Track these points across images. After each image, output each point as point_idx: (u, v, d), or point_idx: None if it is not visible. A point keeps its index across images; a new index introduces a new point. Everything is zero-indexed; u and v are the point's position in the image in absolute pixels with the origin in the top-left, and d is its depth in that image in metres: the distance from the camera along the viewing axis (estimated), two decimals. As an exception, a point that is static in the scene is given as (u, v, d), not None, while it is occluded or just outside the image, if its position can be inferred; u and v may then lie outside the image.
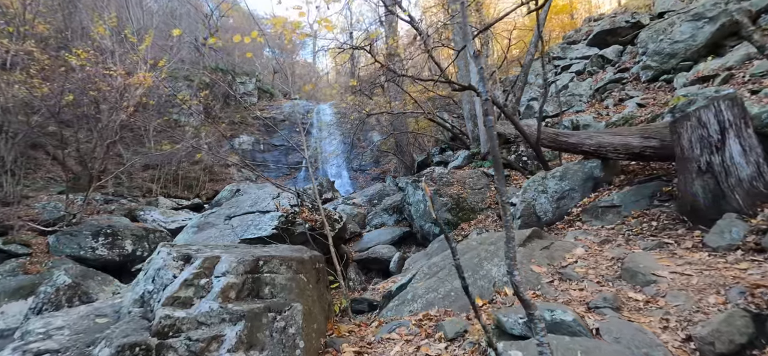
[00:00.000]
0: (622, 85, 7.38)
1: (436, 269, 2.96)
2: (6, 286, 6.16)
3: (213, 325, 1.58)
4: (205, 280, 1.77)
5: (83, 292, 5.67)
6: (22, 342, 1.61)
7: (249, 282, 1.84)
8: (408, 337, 2.04)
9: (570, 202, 3.83)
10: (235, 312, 1.62)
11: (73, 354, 1.52)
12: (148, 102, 13.70)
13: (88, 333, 1.66)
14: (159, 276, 1.82)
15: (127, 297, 1.97)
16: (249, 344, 1.56)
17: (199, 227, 5.37)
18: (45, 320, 1.75)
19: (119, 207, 11.11)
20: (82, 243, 8.36)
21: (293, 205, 5.39)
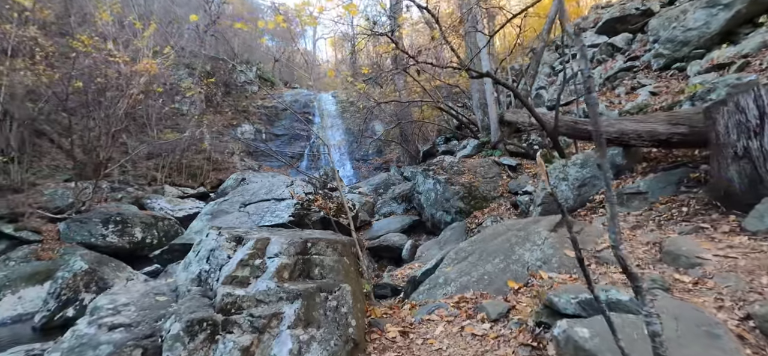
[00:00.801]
0: (634, 74, 7.35)
1: (465, 254, 3.01)
2: (22, 272, 6.21)
3: (271, 303, 1.62)
4: (259, 260, 1.80)
5: (99, 278, 5.73)
6: (94, 316, 1.65)
7: (300, 263, 1.87)
8: (448, 318, 2.09)
9: (591, 189, 3.86)
10: (292, 291, 1.65)
11: (145, 328, 1.56)
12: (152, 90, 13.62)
13: (152, 309, 1.70)
14: (214, 257, 1.86)
15: (182, 277, 2.01)
16: (306, 321, 1.60)
17: (213, 215, 5.40)
18: (110, 297, 1.79)
19: (126, 195, 11.13)
20: (92, 231, 8.41)
21: (307, 193, 5.42)
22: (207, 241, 2.02)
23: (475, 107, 7.69)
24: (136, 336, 1.50)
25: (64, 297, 5.26)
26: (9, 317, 5.57)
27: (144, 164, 14.89)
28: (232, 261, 1.80)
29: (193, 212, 11.41)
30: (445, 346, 1.78)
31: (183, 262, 2.22)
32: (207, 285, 1.83)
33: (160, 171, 14.80)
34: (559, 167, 4.11)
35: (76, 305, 5.33)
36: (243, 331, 1.50)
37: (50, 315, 5.08)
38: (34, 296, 5.99)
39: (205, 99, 21.89)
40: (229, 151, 19.56)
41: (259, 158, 22.59)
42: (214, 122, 19.67)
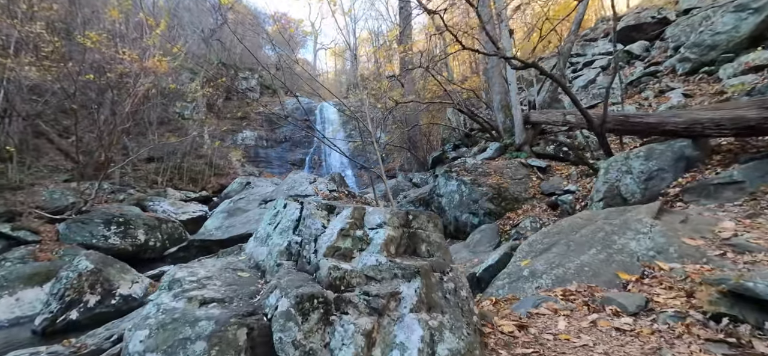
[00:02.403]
0: (658, 79, 7.26)
1: (542, 246, 2.76)
2: (20, 273, 5.82)
3: (384, 281, 1.36)
4: (359, 231, 1.54)
5: (105, 279, 5.35)
6: (177, 289, 1.35)
7: (405, 237, 1.61)
8: (564, 312, 1.83)
9: (661, 182, 3.63)
10: (408, 267, 1.39)
11: (242, 305, 1.28)
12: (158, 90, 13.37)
13: (241, 285, 1.43)
14: (305, 226, 1.59)
15: (260, 252, 1.72)
16: (428, 305, 1.33)
17: (229, 213, 5.10)
18: (188, 270, 1.50)
19: (128, 197, 10.76)
20: (93, 232, 8.03)
21: (331, 190, 5.16)
22: (288, 211, 1.76)
23: (495, 110, 7.51)
24: (237, 314, 1.22)
25: (67, 299, 4.87)
26: (6, 319, 5.15)
27: (144, 167, 14.52)
28: (330, 231, 1.54)
29: (197, 215, 11.04)
30: (591, 343, 1.51)
31: (256, 236, 1.94)
32: (302, 258, 1.56)
33: (162, 175, 14.44)
34: (620, 160, 3.89)
35: (80, 307, 4.95)
36: (359, 312, 1.24)
37: (52, 318, 4.69)
38: (32, 298, 5.58)
39: (207, 105, 21.66)
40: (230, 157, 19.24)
41: (259, 165, 22.28)
42: (218, 127, 19.36)
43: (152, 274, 7.44)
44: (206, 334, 1.14)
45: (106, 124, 10.68)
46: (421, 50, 7.31)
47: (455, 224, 6.12)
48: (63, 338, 4.75)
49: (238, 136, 23.23)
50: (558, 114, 5.62)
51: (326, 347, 1.15)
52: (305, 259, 1.50)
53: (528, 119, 6.49)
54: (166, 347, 1.15)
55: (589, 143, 5.69)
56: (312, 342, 1.13)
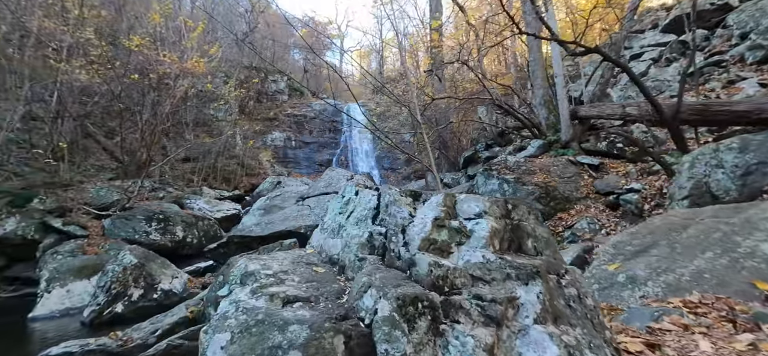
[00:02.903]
0: (723, 68, 6.60)
1: (632, 248, 2.46)
2: (70, 265, 6.07)
3: (495, 283, 1.16)
4: (454, 222, 1.36)
5: (148, 273, 5.48)
6: (253, 284, 1.22)
7: (508, 230, 1.41)
8: (699, 328, 1.53)
9: (763, 178, 3.18)
10: (524, 267, 1.18)
11: (331, 305, 1.13)
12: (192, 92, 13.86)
13: (321, 282, 1.29)
14: (389, 215, 1.42)
15: (334, 244, 1.58)
16: (554, 314, 1.11)
17: (265, 210, 5.05)
18: (261, 263, 1.38)
19: (167, 195, 11.15)
20: (136, 228, 8.32)
21: (368, 187, 4.96)
22: (363, 198, 1.60)
23: (538, 105, 7.11)
24: (329, 317, 1.06)
25: (113, 291, 5.01)
26: (57, 310, 5.38)
27: (181, 166, 15.08)
28: (420, 220, 1.36)
29: (231, 214, 11.27)
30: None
31: (323, 228, 1.79)
32: (390, 252, 1.38)
33: (197, 174, 14.93)
34: (708, 153, 3.45)
35: (125, 300, 5.07)
36: (473, 321, 1.04)
37: (99, 310, 4.83)
38: (81, 290, 5.81)
39: (239, 107, 22.30)
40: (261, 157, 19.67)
41: (288, 165, 22.67)
42: (250, 128, 19.85)
43: (190, 270, 7.59)
44: (300, 342, 0.96)
45: (148, 124, 11.14)
46: (459, 43, 7.06)
47: (496, 226, 5.77)
48: (109, 330, 4.87)
49: (267, 137, 23.75)
50: (615, 107, 5.18)
51: (437, 363, 0.95)
52: (394, 253, 1.32)
53: (576, 113, 6.06)
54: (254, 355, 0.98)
55: (648, 138, 5.20)
56: (424, 358, 0.94)
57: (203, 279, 7.61)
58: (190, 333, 2.90)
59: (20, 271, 7.42)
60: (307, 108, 27.95)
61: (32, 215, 7.67)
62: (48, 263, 6.34)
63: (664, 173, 4.02)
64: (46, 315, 5.23)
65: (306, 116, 27.02)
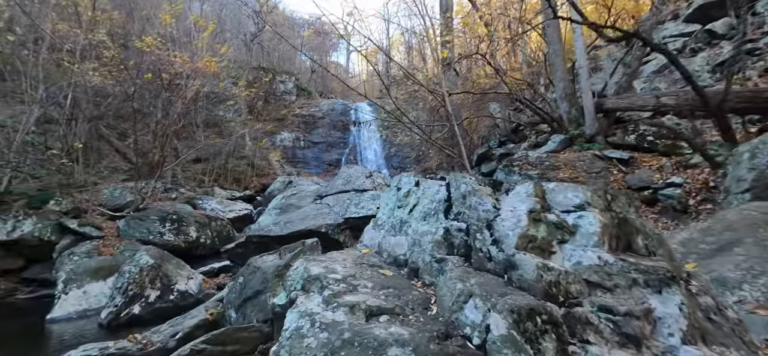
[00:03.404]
0: (758, 57, 6.29)
1: (707, 246, 2.24)
2: (87, 266, 6.04)
3: (618, 290, 0.99)
4: (551, 216, 1.20)
5: (164, 274, 5.42)
6: (328, 292, 1.06)
7: (615, 225, 1.23)
8: None
9: None
10: (654, 271, 1.00)
11: (421, 318, 0.98)
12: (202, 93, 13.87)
13: (396, 288, 1.14)
14: (470, 208, 1.27)
15: (395, 242, 1.43)
16: (701, 330, 0.94)
17: (281, 209, 4.94)
18: (323, 265, 1.23)
19: (179, 195, 11.16)
20: (150, 228, 8.30)
21: (388, 184, 4.81)
22: (428, 190, 1.44)
23: (559, 99, 6.88)
24: (431, 335, 0.90)
25: (130, 293, 4.94)
26: (75, 311, 5.33)
27: (192, 167, 15.13)
28: (510, 214, 1.19)
29: (243, 214, 11.26)
30: None
31: (378, 225, 1.64)
32: (476, 251, 1.22)
33: (208, 175, 14.96)
34: None
35: (142, 302, 5.01)
36: (605, 340, 0.88)
37: (117, 312, 4.77)
38: (97, 291, 5.77)
39: (248, 108, 22.34)
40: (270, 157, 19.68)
41: (297, 165, 22.66)
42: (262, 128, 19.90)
43: (204, 271, 7.53)
44: None
45: (159, 125, 11.16)
46: (479, 36, 6.87)
47: (518, 224, 5.57)
48: (127, 331, 4.80)
49: (276, 137, 23.77)
50: (647, 98, 4.94)
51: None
52: (483, 253, 1.15)
53: (601, 106, 5.82)
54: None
55: (682, 130, 4.95)
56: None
57: (218, 280, 7.54)
58: (213, 338, 2.77)
59: (37, 273, 7.44)
60: (315, 108, 27.95)
61: (48, 217, 7.68)
62: (65, 265, 6.32)
63: (708, 165, 3.79)
64: (63, 317, 5.19)
65: (314, 116, 27.01)
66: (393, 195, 1.64)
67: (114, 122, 13.15)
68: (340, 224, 3.95)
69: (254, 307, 3.25)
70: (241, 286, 3.45)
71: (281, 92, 28.09)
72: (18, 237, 7.20)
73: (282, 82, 29.27)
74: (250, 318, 3.23)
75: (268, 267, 3.38)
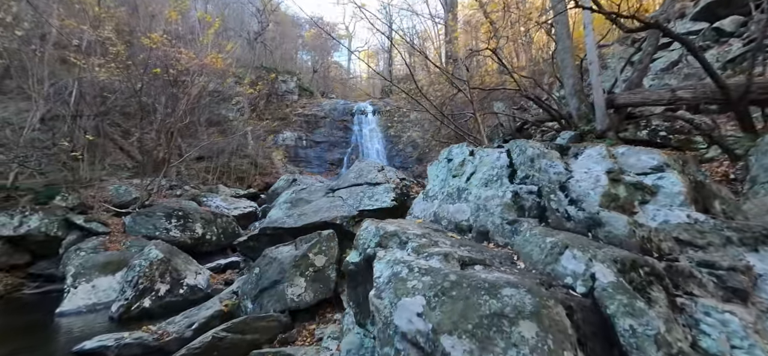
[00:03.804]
0: (767, 53, 6.26)
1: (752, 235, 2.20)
2: (95, 261, 6.01)
3: (712, 248, 0.98)
4: (629, 177, 1.18)
5: (173, 268, 5.39)
6: (415, 243, 0.99)
7: (692, 188, 1.22)
8: None
9: None
10: (749, 229, 0.99)
11: (515, 270, 0.96)
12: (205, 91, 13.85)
13: (473, 247, 1.12)
14: (539, 170, 1.25)
15: (454, 209, 1.41)
16: None
17: (292, 203, 4.92)
18: (396, 225, 1.16)
19: (184, 193, 11.14)
20: (156, 224, 8.28)
21: (401, 178, 4.81)
22: (487, 157, 1.42)
23: (568, 95, 6.86)
24: (536, 281, 0.88)
25: (140, 286, 4.92)
26: (84, 305, 5.31)
27: (195, 165, 15.11)
28: (589, 175, 1.18)
29: (248, 211, 11.23)
30: None
31: (429, 196, 1.62)
32: (553, 212, 1.20)
33: (212, 173, 14.95)
34: None
35: (152, 295, 4.98)
36: (710, 294, 0.86)
37: (127, 305, 4.74)
38: (106, 286, 5.75)
39: (250, 107, 22.32)
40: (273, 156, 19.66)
41: (299, 164, 22.64)
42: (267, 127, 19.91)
43: (211, 266, 7.51)
44: (529, 310, 0.75)
45: (164, 122, 11.13)
46: (490, 30, 6.86)
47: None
48: (137, 325, 4.76)
49: (278, 136, 23.74)
50: (662, 92, 4.92)
51: (694, 348, 0.76)
52: (559, 213, 1.14)
53: (613, 102, 5.79)
54: (471, 327, 0.77)
55: (694, 124, 4.93)
56: (678, 341, 0.75)
57: (225, 276, 7.52)
58: (232, 326, 2.75)
59: (43, 268, 7.41)
60: (317, 107, 27.93)
61: (55, 212, 7.66)
62: (73, 260, 6.30)
63: (727, 158, 3.78)
64: (73, 311, 5.16)
65: (316, 116, 26.98)
66: (443, 167, 1.62)
67: (117, 120, 13.15)
68: (355, 216, 3.94)
69: (271, 297, 3.23)
70: (256, 277, 3.43)
71: (283, 91, 28.05)
72: (25, 233, 7.18)
73: (284, 81, 29.24)
74: (266, 308, 3.21)
75: (284, 257, 3.36)
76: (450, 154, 1.55)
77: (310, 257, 3.28)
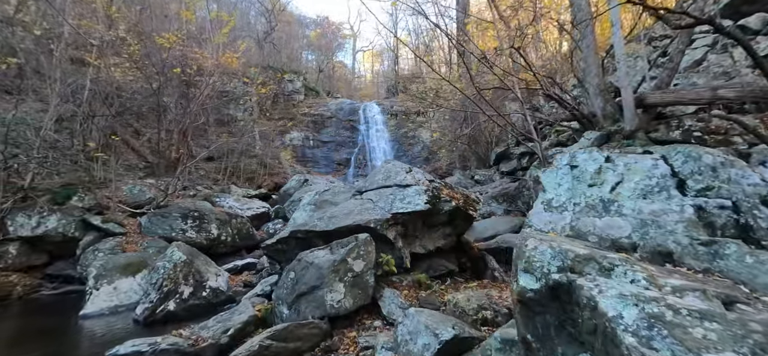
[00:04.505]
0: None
1: None
2: (116, 262, 5.96)
3: None
4: None
5: (196, 270, 5.33)
6: (634, 276, 0.85)
7: None
8: None
9: None
10: None
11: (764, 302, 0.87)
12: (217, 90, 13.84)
13: (679, 274, 1.04)
14: (731, 180, 1.15)
15: (604, 224, 1.28)
16: None
17: (316, 205, 4.82)
18: (569, 244, 0.97)
19: (197, 193, 11.11)
20: (173, 225, 8.23)
21: (430, 180, 4.72)
22: (635, 165, 1.32)
23: (592, 94, 6.74)
24: None
25: (165, 289, 4.85)
26: (106, 307, 5.25)
27: (205, 166, 15.08)
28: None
29: (261, 212, 11.17)
30: None
31: (557, 206, 1.52)
32: (753, 232, 1.10)
33: (222, 173, 14.92)
34: None
35: (177, 298, 4.92)
36: None
37: (152, 308, 4.68)
38: (127, 287, 5.70)
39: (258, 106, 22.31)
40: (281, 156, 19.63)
41: (306, 164, 22.60)
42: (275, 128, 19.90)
43: (228, 268, 7.45)
44: None
45: (176, 122, 11.11)
46: (513, 29, 6.77)
47: (556, 221, 5.46)
48: (163, 328, 4.70)
49: (285, 137, 23.73)
50: (701, 90, 4.80)
51: None
52: (761, 229, 1.05)
53: (643, 101, 5.68)
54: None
55: (733, 125, 4.80)
56: None
57: (242, 277, 7.46)
58: (275, 334, 2.67)
59: (61, 269, 7.39)
60: (324, 107, 27.93)
61: (72, 213, 7.64)
62: (93, 261, 6.27)
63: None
64: (96, 313, 5.11)
65: (322, 116, 26.99)
66: (565, 174, 1.52)
67: (129, 120, 13.15)
68: (388, 219, 3.84)
69: (309, 303, 3.14)
70: (292, 282, 3.34)
71: (290, 91, 28.06)
72: (42, 233, 7.16)
73: (290, 81, 29.25)
74: (304, 314, 3.13)
75: (322, 262, 3.27)
76: (574, 159, 1.45)
77: (348, 262, 3.19)
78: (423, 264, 4.51)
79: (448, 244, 4.81)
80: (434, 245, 4.54)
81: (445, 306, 3.43)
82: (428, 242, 4.49)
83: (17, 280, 6.63)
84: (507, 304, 2.62)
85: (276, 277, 5.25)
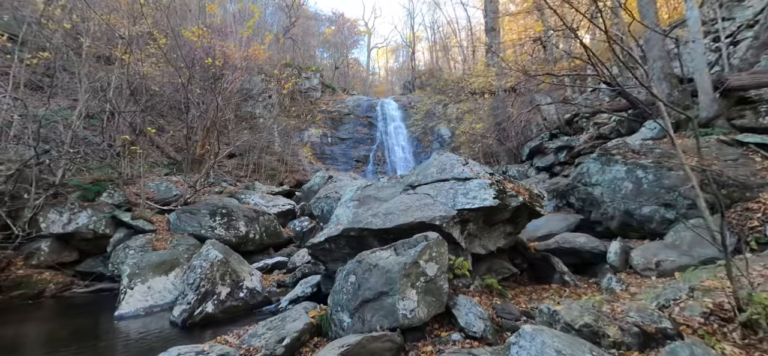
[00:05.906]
0: None
1: None
2: (149, 261, 5.74)
3: None
4: None
5: (232, 270, 5.03)
6: None
7: None
8: None
9: None
10: None
11: None
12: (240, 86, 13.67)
13: None
14: None
15: None
16: None
17: (360, 201, 4.44)
18: None
19: (222, 189, 10.94)
20: (201, 222, 8.01)
21: (490, 173, 4.27)
22: None
23: (656, 80, 6.12)
24: None
25: (202, 289, 4.56)
26: (142, 308, 5.02)
27: (226, 163, 14.99)
28: None
29: (286, 209, 10.90)
30: None
31: None
32: None
33: (245, 170, 14.79)
34: None
35: (214, 299, 4.62)
36: None
37: (190, 310, 4.39)
38: (161, 287, 5.46)
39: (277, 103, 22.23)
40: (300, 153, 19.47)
41: (325, 161, 22.41)
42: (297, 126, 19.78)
43: (258, 267, 7.18)
44: None
45: (201, 118, 10.96)
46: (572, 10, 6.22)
47: (623, 219, 4.92)
48: (201, 331, 4.39)
49: (304, 134, 23.61)
50: (755, 77, 4.19)
51: None
52: None
53: (722, 84, 5.06)
54: None
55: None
56: None
57: (273, 277, 7.18)
58: (349, 350, 2.28)
59: (92, 266, 7.26)
60: (341, 104, 27.72)
61: (102, 210, 7.49)
62: (125, 259, 6.06)
63: None
64: (131, 313, 4.87)
65: (340, 112, 26.78)
66: None
67: (152, 117, 13.11)
68: (454, 216, 3.41)
69: (376, 311, 2.75)
70: (354, 287, 2.95)
71: (307, 88, 27.93)
72: (74, 230, 7.03)
73: (307, 78, 29.12)
74: (370, 323, 2.74)
75: (389, 265, 2.87)
76: None
77: (420, 265, 2.78)
78: (482, 267, 4.08)
79: (508, 244, 4.37)
80: (495, 246, 4.10)
81: (530, 318, 2.98)
82: (489, 241, 4.05)
83: (50, 277, 6.51)
84: (631, 320, 2.15)
85: (318, 278, 4.91)
